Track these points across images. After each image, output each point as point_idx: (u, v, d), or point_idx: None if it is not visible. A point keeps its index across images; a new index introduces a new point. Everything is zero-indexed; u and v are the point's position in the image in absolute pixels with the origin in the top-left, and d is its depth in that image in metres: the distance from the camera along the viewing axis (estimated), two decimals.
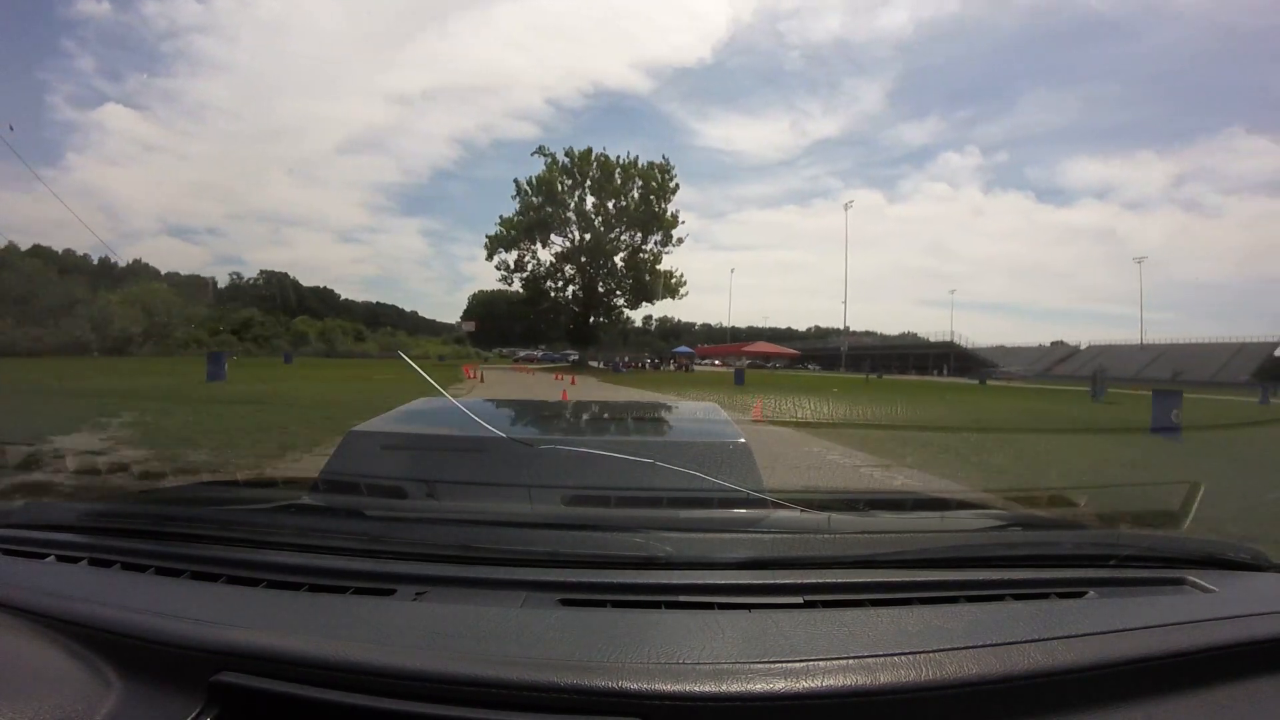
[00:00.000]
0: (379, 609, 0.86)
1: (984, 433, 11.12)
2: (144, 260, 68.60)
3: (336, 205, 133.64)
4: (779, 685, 0.65)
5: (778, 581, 0.91)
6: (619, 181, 48.95)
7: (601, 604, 0.87)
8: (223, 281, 75.98)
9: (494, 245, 50.09)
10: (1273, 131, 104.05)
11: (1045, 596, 0.92)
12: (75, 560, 1.03)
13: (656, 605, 0.86)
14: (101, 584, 0.96)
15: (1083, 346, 75.00)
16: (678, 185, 50.09)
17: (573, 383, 23.33)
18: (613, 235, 49.92)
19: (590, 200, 49.76)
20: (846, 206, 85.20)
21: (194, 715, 0.67)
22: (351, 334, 60.54)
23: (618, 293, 52.04)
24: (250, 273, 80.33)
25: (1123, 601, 0.92)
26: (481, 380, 22.61)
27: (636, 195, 49.15)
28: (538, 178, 49.21)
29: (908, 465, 7.38)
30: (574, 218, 49.63)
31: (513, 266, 50.78)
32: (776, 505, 1.26)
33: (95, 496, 1.54)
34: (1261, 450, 11.47)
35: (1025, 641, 0.74)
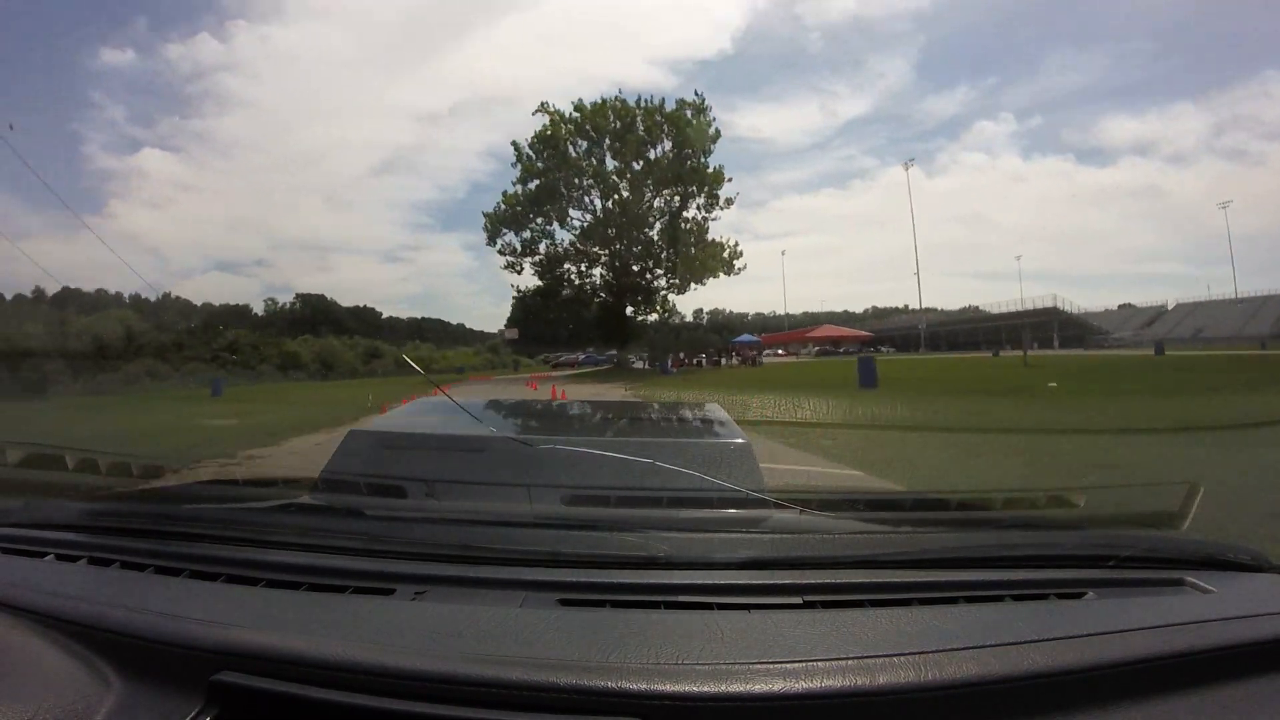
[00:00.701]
0: (379, 609, 0.86)
1: None
2: (178, 294, 68.38)
3: (376, 227, 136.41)
4: (779, 685, 0.65)
5: (777, 582, 0.91)
6: (643, 131, 37.34)
7: (601, 604, 0.87)
8: (258, 308, 76.68)
9: (494, 225, 39.23)
10: None
11: (1045, 597, 0.92)
12: (74, 559, 1.03)
13: (656, 605, 0.86)
14: (101, 583, 0.96)
15: (1170, 306, 66.01)
16: (718, 131, 38.06)
17: (563, 397, 11.42)
18: (644, 200, 38.41)
19: (611, 161, 38.15)
20: (907, 165, 75.14)
21: (193, 715, 0.67)
22: (361, 352, 54.95)
23: (657, 272, 39.71)
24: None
25: (1122, 602, 0.92)
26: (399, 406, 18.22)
27: (669, 146, 37.47)
28: (539, 135, 38.13)
29: None
30: (593, 183, 38.38)
31: (520, 249, 39.67)
32: (776, 505, 1.26)
33: (95, 496, 1.53)
34: None
35: (1025, 642, 0.74)
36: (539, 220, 39.36)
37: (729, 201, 39.12)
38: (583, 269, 41.05)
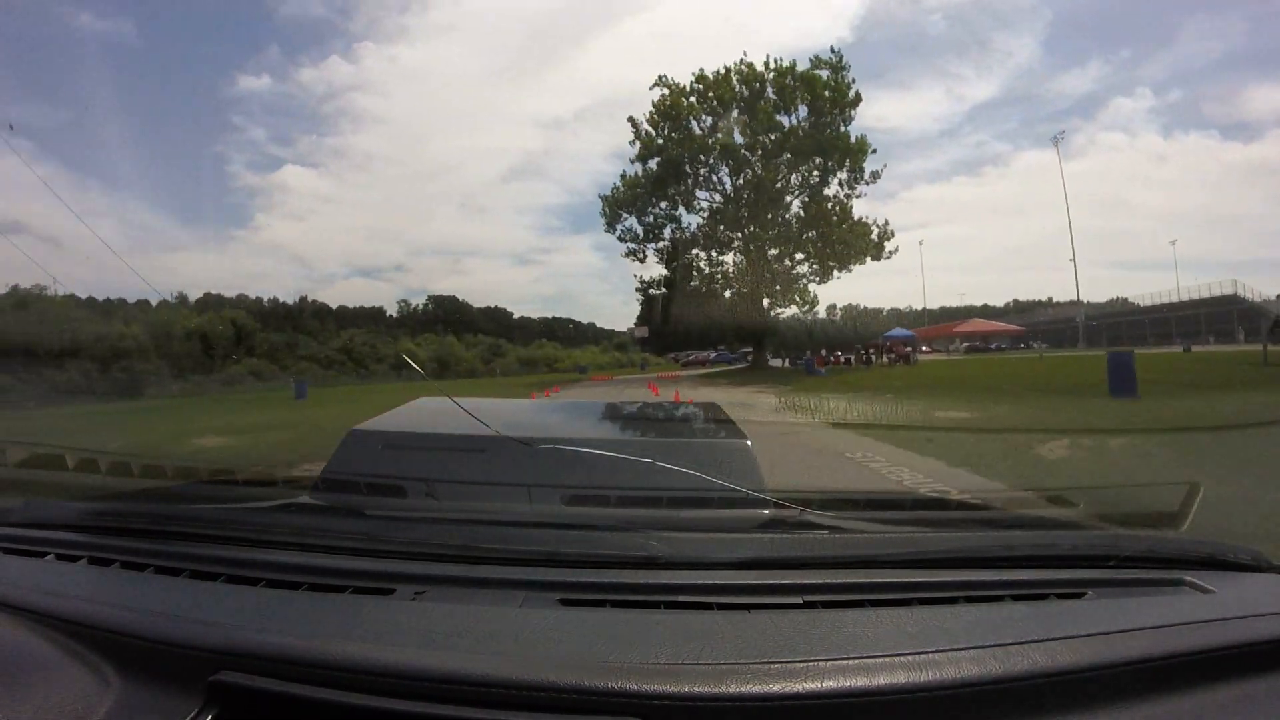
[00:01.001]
0: (378, 609, 0.86)
1: None
2: (315, 298, 68.90)
3: (508, 231, 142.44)
4: (778, 686, 0.65)
5: (778, 582, 0.91)
6: (774, 95, 31.89)
7: (601, 604, 0.87)
8: (392, 311, 78.41)
9: (613, 209, 34.48)
10: None
11: (1045, 597, 0.92)
12: (75, 559, 1.03)
13: (656, 605, 0.86)
14: (101, 583, 0.96)
15: None
16: (859, 95, 32.12)
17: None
18: (779, 176, 32.80)
19: (740, 136, 32.52)
20: (1056, 140, 64.10)
21: (193, 714, 0.67)
22: (484, 350, 54.66)
23: (797, 257, 33.78)
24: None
25: (1122, 602, 0.92)
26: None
27: (804, 113, 31.75)
28: (658, 106, 32.82)
29: None
30: (720, 159, 33.10)
31: (642, 235, 34.44)
32: (777, 505, 1.26)
33: (95, 496, 1.54)
34: None
35: (1025, 642, 0.73)
36: (662, 204, 34.38)
37: (875, 176, 32.76)
38: (713, 255, 35.35)
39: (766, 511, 1.26)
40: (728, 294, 35.65)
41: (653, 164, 33.85)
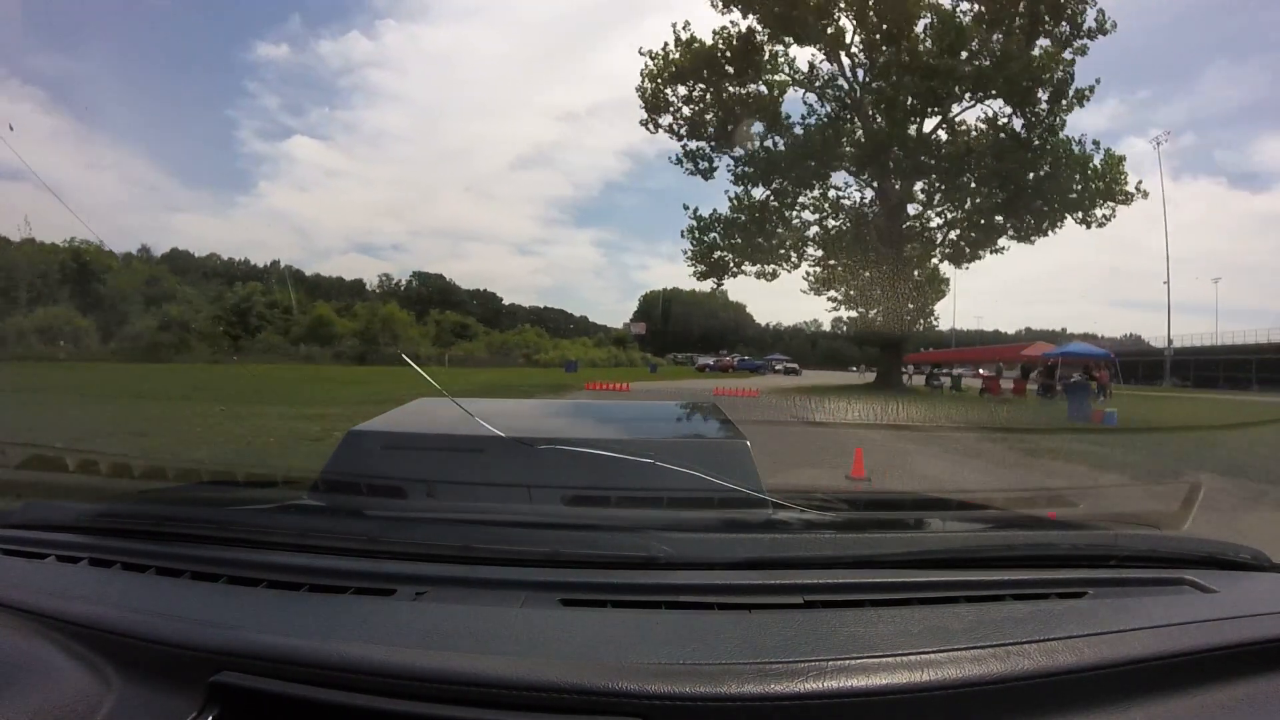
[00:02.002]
0: (379, 609, 0.86)
1: None
2: (306, 270, 66.97)
3: (512, 219, 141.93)
4: (779, 685, 0.65)
5: (778, 581, 0.91)
6: None
7: (602, 604, 0.87)
8: (372, 284, 76.76)
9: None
10: None
11: (1045, 597, 0.92)
12: (75, 560, 1.03)
13: (656, 605, 0.86)
14: (101, 584, 0.96)
15: None
16: None
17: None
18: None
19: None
20: (1157, 144, 45.89)
21: (194, 715, 0.67)
22: (439, 330, 43.96)
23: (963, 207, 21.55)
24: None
25: (1123, 602, 0.92)
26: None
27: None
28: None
29: None
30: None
31: (708, 130, 22.36)
32: (777, 505, 1.26)
33: (95, 496, 1.54)
34: None
35: (1025, 642, 0.74)
36: (729, 87, 21.48)
37: (1090, 90, 19.19)
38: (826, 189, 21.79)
39: (766, 511, 1.26)
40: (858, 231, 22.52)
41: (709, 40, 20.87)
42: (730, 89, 21.54)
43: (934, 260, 22.43)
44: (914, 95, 19.30)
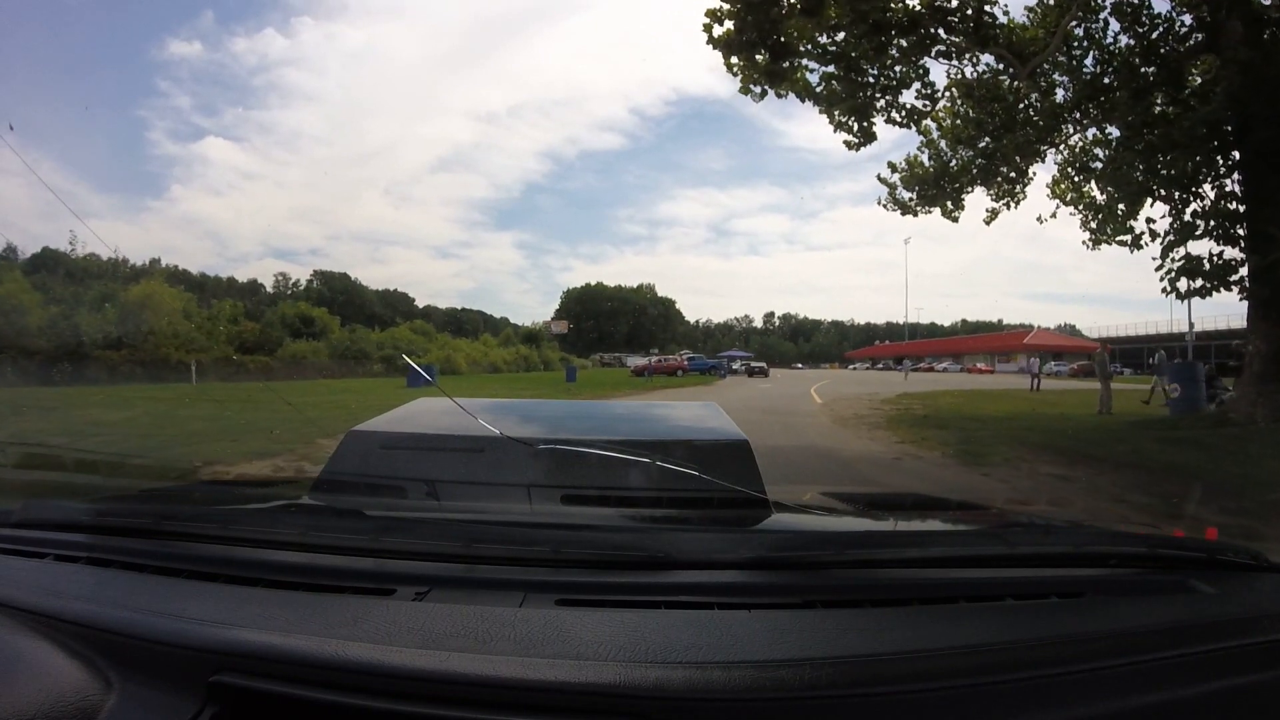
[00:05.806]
0: (379, 609, 0.86)
1: None
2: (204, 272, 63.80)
3: (431, 222, 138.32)
4: (778, 685, 0.65)
5: (778, 581, 0.91)
6: None
7: (601, 604, 0.87)
8: (269, 285, 74.59)
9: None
10: None
11: (1045, 597, 0.92)
12: (74, 560, 1.03)
13: (657, 605, 0.86)
14: (100, 584, 0.96)
15: None
16: None
17: None
18: None
19: None
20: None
21: (193, 715, 0.67)
22: (256, 331, 33.73)
23: None
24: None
25: (1122, 602, 0.92)
26: None
27: None
28: None
29: None
30: None
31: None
32: (777, 505, 1.26)
33: (94, 496, 1.53)
34: None
35: (1025, 642, 0.74)
36: None
37: None
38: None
39: (766, 511, 1.26)
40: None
41: None
42: None
43: None
44: None
